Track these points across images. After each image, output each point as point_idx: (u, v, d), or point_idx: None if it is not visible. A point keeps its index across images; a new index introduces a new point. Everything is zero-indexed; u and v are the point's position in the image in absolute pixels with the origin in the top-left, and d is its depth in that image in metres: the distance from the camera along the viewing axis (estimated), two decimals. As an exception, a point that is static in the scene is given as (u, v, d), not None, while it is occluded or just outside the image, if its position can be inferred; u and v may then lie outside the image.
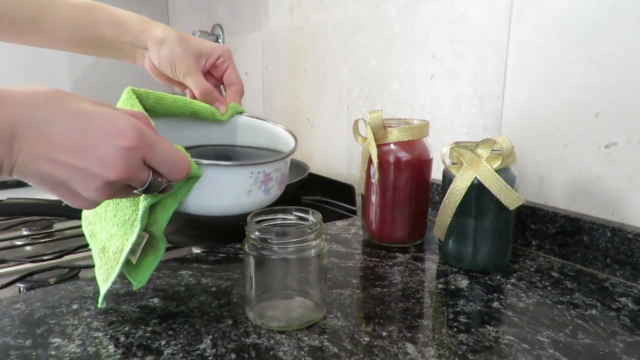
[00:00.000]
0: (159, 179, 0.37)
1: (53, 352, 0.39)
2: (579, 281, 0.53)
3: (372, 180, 0.63)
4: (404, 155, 0.61)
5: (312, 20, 1.04)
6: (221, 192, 0.42)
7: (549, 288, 0.51)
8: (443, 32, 0.74)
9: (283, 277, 0.42)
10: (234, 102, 0.54)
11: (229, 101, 0.54)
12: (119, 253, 0.43)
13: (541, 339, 0.41)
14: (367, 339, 0.41)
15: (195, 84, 0.51)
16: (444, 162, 0.58)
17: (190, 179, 0.41)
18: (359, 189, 0.67)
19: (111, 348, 0.40)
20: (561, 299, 0.49)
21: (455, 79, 0.73)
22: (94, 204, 0.36)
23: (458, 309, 0.47)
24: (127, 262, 0.43)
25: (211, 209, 0.43)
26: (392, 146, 0.62)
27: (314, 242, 0.43)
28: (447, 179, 0.56)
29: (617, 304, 0.48)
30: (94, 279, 0.54)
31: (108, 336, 0.42)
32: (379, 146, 0.61)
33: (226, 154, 0.56)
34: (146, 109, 0.45)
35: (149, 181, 0.36)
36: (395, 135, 0.61)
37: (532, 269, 0.56)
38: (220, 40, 1.41)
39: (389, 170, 0.62)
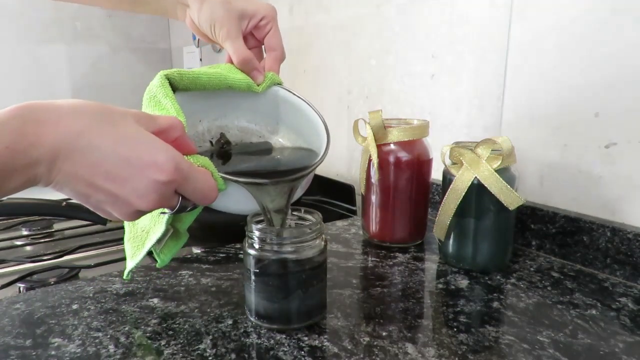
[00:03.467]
0: (187, 203, 0.37)
1: (53, 352, 0.39)
2: (579, 281, 0.53)
3: (372, 180, 0.63)
4: (404, 155, 0.61)
5: (312, 20, 1.04)
6: (247, 200, 0.42)
7: (549, 288, 0.51)
8: (443, 32, 0.74)
9: (283, 277, 0.42)
10: (272, 71, 0.52)
11: (268, 69, 0.52)
12: (145, 234, 0.44)
13: (541, 339, 0.41)
14: (367, 339, 0.41)
15: (235, 50, 0.49)
16: (444, 162, 0.58)
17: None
18: (359, 189, 0.67)
19: (111, 348, 0.40)
20: (561, 299, 0.48)
21: (455, 79, 0.73)
22: (124, 220, 0.38)
23: (458, 309, 0.47)
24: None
25: (234, 211, 0.44)
26: (392, 146, 0.62)
27: (314, 242, 0.43)
28: (447, 179, 0.56)
29: (617, 304, 0.48)
30: (94, 279, 0.54)
31: (108, 336, 0.42)
32: (379, 146, 0.61)
33: (263, 151, 0.54)
34: (180, 89, 0.44)
35: (177, 206, 0.37)
36: (395, 135, 0.61)
37: (532, 269, 0.56)
38: (220, 40, 1.41)
39: (389, 170, 0.62)
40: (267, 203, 0.42)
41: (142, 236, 0.44)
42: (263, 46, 0.55)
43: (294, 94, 0.53)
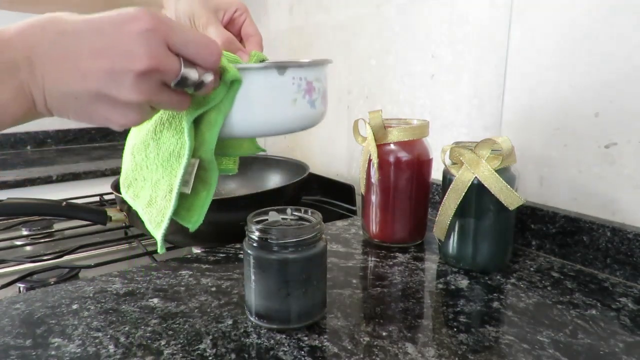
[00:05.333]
0: (193, 69, 0.34)
1: (53, 352, 0.39)
2: (579, 281, 0.53)
3: (372, 180, 0.63)
4: (404, 155, 0.61)
5: (312, 20, 1.04)
6: (266, 101, 0.39)
7: (549, 288, 0.51)
8: (443, 32, 0.74)
9: (283, 277, 0.42)
10: (255, 50, 0.53)
11: (250, 51, 0.53)
12: (169, 194, 0.40)
13: (541, 339, 0.41)
14: (367, 339, 0.41)
15: (217, 33, 0.50)
16: (444, 162, 0.58)
17: (232, 87, 0.38)
18: (359, 189, 0.67)
19: (111, 348, 0.40)
20: (561, 299, 0.48)
21: (455, 79, 0.73)
22: (138, 112, 0.34)
23: (458, 309, 0.47)
24: (180, 204, 0.40)
25: (259, 125, 0.41)
26: (392, 146, 0.62)
27: (314, 242, 0.43)
28: (447, 179, 0.56)
29: (617, 304, 0.48)
30: (94, 279, 0.54)
31: (108, 336, 0.42)
32: (379, 146, 0.61)
33: None
34: None
35: (182, 70, 0.34)
36: (395, 135, 0.61)
37: (532, 269, 0.56)
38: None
39: (389, 170, 0.62)
40: (288, 105, 0.40)
41: (167, 199, 0.40)
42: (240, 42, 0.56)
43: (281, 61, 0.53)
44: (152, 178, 0.43)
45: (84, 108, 0.32)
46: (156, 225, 0.41)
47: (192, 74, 0.34)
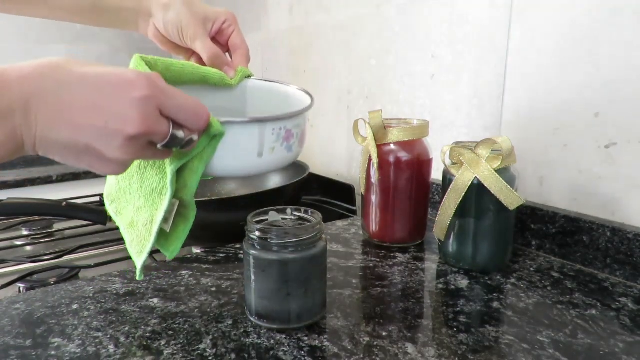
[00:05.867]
0: (181, 131, 0.36)
1: (53, 352, 0.39)
2: (579, 281, 0.53)
3: (372, 180, 0.63)
4: (404, 155, 0.61)
5: (312, 20, 1.04)
6: (245, 150, 0.41)
7: (549, 288, 0.51)
8: (443, 32, 0.74)
9: (283, 277, 0.42)
10: (242, 66, 0.53)
11: (237, 65, 0.53)
12: (150, 224, 0.42)
13: (541, 339, 0.41)
14: (367, 339, 0.41)
15: (204, 47, 0.50)
16: (444, 162, 0.58)
17: (214, 138, 0.40)
18: (359, 189, 0.67)
19: (111, 348, 0.40)
20: (561, 299, 0.48)
21: (455, 79, 0.73)
22: (121, 167, 0.36)
23: (458, 309, 0.47)
24: (159, 234, 0.43)
25: (236, 169, 0.43)
26: (392, 146, 0.62)
27: (314, 242, 0.43)
28: (447, 179, 0.56)
29: (617, 304, 0.48)
30: (94, 279, 0.54)
31: (108, 336, 0.42)
32: (379, 146, 0.61)
33: (242, 116, 0.55)
34: None
35: (170, 133, 0.35)
36: (395, 135, 0.61)
37: (532, 269, 0.56)
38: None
39: (389, 170, 0.62)
40: (266, 153, 0.42)
41: (147, 228, 0.43)
42: (227, 53, 0.56)
43: (267, 81, 0.54)
44: (135, 204, 0.45)
45: (71, 155, 0.34)
46: (137, 253, 0.43)
47: (179, 135, 0.36)
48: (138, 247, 0.44)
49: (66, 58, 0.33)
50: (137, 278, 0.44)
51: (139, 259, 0.43)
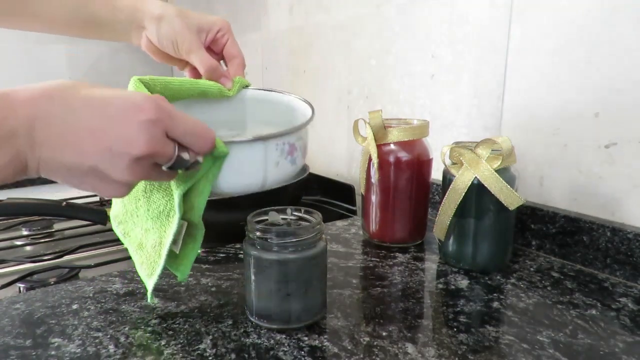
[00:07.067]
0: (186, 153, 0.36)
1: (53, 352, 0.39)
2: (579, 281, 0.53)
3: (372, 180, 0.63)
4: (404, 155, 0.61)
5: (312, 20, 1.04)
6: (250, 167, 0.42)
7: (549, 288, 0.51)
8: (443, 32, 0.74)
9: (283, 277, 0.42)
10: (239, 75, 0.53)
11: (233, 75, 0.53)
12: (159, 246, 0.43)
13: (541, 339, 0.41)
14: (367, 339, 0.41)
15: (200, 60, 0.50)
16: (444, 162, 0.58)
17: (219, 159, 0.40)
18: (359, 189, 0.67)
19: (111, 348, 0.40)
20: (561, 299, 0.48)
21: (455, 79, 0.73)
22: (126, 188, 0.35)
23: (458, 309, 0.47)
24: (169, 254, 0.43)
25: (243, 187, 0.43)
26: (392, 146, 0.62)
27: (314, 242, 0.43)
28: (447, 179, 0.56)
29: (617, 304, 0.48)
30: (94, 279, 0.54)
31: (108, 336, 0.42)
32: (379, 146, 0.61)
33: (244, 131, 0.55)
34: None
35: (176, 155, 0.35)
36: (395, 135, 0.61)
37: (532, 269, 0.56)
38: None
39: (389, 170, 0.62)
40: (271, 168, 0.42)
41: (156, 250, 0.43)
42: (223, 61, 0.56)
43: (264, 90, 0.54)
44: (143, 226, 0.45)
45: (74, 178, 0.34)
46: (147, 275, 0.44)
47: (185, 157, 0.36)
48: (148, 269, 0.44)
49: (74, 81, 0.34)
50: (149, 301, 0.45)
51: (150, 281, 0.44)
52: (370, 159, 0.62)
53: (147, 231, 0.45)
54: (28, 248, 0.80)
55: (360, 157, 0.65)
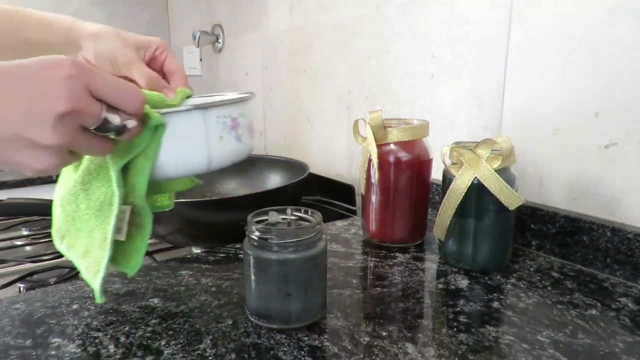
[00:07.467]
0: (116, 116, 0.35)
1: (53, 352, 0.39)
2: (579, 281, 0.53)
3: (372, 180, 0.63)
4: (404, 155, 0.61)
5: (312, 20, 1.04)
6: (192, 141, 0.40)
7: (549, 288, 0.51)
8: (443, 32, 0.74)
9: (283, 277, 0.42)
10: (181, 87, 0.52)
11: (175, 87, 0.52)
12: (104, 242, 0.40)
13: (541, 339, 0.41)
14: (367, 339, 0.41)
15: (141, 72, 0.49)
16: (444, 162, 0.58)
17: (157, 132, 0.39)
18: (359, 189, 0.67)
19: (111, 348, 0.40)
20: (561, 299, 0.48)
21: (455, 78, 0.73)
22: (57, 155, 0.34)
23: (458, 309, 0.47)
24: (116, 250, 0.41)
25: (189, 165, 0.41)
26: (392, 146, 0.62)
27: (314, 242, 0.43)
28: (447, 179, 0.56)
29: (617, 304, 0.48)
30: (94, 279, 0.54)
31: (108, 336, 0.42)
32: (379, 146, 0.61)
33: None
34: None
35: (103, 114, 0.34)
36: (395, 135, 0.61)
37: (532, 269, 0.56)
38: (220, 41, 1.41)
39: (389, 170, 0.62)
40: (214, 143, 0.41)
41: (102, 246, 0.41)
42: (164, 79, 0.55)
43: (207, 95, 0.53)
44: (86, 227, 0.43)
45: (1, 153, 0.32)
46: (93, 275, 0.41)
47: (114, 119, 0.35)
48: (94, 268, 0.41)
49: None
50: (98, 301, 0.41)
51: (96, 280, 0.40)
52: (370, 159, 0.62)
53: (92, 231, 0.42)
54: (28, 248, 0.80)
55: (360, 157, 0.65)
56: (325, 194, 0.96)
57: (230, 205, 0.71)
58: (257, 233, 0.42)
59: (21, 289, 0.63)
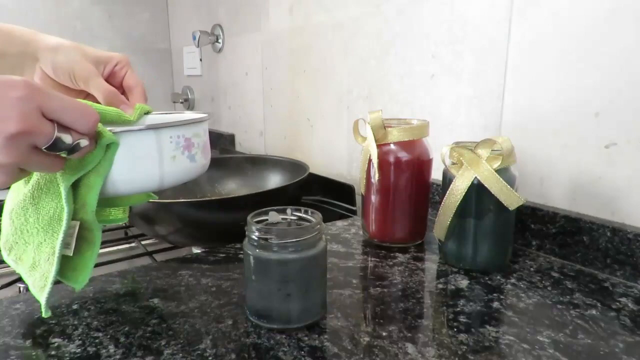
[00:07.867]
0: (68, 135, 0.35)
1: (53, 352, 0.39)
2: (579, 281, 0.53)
3: (372, 180, 0.63)
4: (404, 155, 0.61)
5: (312, 20, 1.04)
6: (144, 160, 0.40)
7: (549, 288, 0.51)
8: (443, 32, 0.74)
9: (283, 277, 0.42)
10: (140, 103, 0.52)
11: (134, 103, 0.52)
12: (52, 257, 0.40)
13: (541, 339, 0.41)
14: (367, 339, 0.41)
15: (99, 87, 0.49)
16: (444, 162, 0.58)
17: (109, 150, 0.39)
18: (359, 189, 0.67)
19: (111, 348, 0.40)
20: (561, 299, 0.48)
21: (455, 79, 0.73)
22: (5, 173, 0.34)
23: (458, 309, 0.47)
24: (65, 264, 0.41)
25: (140, 183, 0.42)
26: (392, 146, 0.62)
27: (314, 242, 0.43)
28: (447, 179, 0.56)
29: (617, 304, 0.48)
30: (94, 279, 0.54)
31: (108, 336, 0.42)
32: (379, 146, 0.61)
33: None
34: None
35: (55, 135, 0.34)
36: (395, 135, 0.61)
37: (532, 269, 0.56)
38: (220, 41, 1.41)
39: (389, 170, 0.62)
40: (167, 163, 0.41)
41: (50, 261, 0.41)
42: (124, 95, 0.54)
43: (165, 113, 0.53)
44: (34, 241, 0.43)
45: None
46: (40, 289, 0.41)
47: (66, 139, 0.35)
48: (41, 282, 0.41)
49: None
50: (43, 316, 0.41)
51: (42, 294, 0.41)
52: (370, 159, 0.62)
53: (40, 245, 0.42)
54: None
55: (360, 157, 0.65)
56: (325, 194, 0.96)
57: (230, 205, 0.71)
58: (257, 233, 0.42)
59: (21, 289, 0.63)
